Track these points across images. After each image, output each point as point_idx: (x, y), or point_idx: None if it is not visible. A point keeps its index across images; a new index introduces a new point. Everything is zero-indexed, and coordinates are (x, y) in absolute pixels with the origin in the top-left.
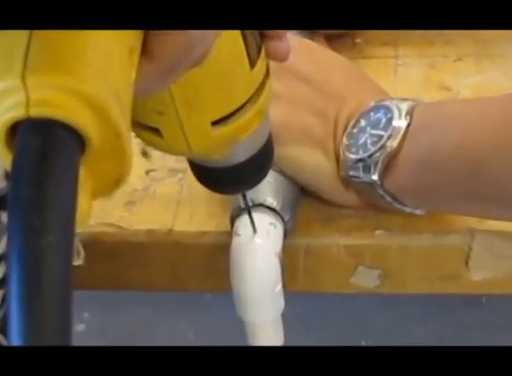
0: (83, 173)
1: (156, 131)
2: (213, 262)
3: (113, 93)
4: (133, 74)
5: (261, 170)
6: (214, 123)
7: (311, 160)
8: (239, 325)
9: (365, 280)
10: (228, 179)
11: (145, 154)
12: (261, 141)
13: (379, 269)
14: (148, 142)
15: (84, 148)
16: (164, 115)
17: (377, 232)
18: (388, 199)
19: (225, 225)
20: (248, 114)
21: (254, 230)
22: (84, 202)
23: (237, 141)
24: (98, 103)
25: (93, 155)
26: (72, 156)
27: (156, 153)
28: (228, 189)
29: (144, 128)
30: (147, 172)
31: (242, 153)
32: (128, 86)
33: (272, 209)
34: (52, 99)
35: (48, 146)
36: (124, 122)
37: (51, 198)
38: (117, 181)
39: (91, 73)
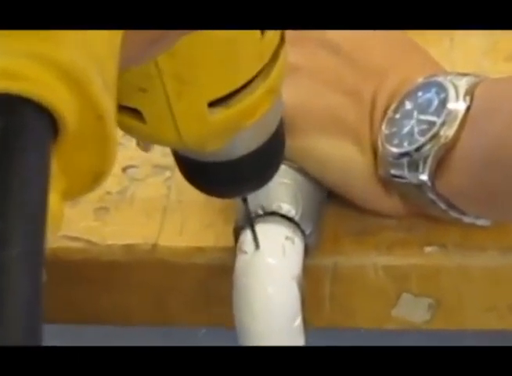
0: (54, 166)
1: (136, 113)
2: (210, 288)
3: (95, 63)
4: (119, 40)
5: (267, 168)
6: (212, 104)
7: (340, 155)
8: None
9: (412, 312)
10: (225, 178)
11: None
12: (269, 129)
13: (430, 298)
14: (126, 129)
15: (56, 133)
16: (147, 92)
17: (427, 249)
18: (442, 205)
19: (226, 239)
20: (256, 94)
21: (257, 246)
22: (55, 203)
23: (241, 128)
24: (76, 74)
25: (68, 142)
26: (42, 143)
27: (134, 144)
28: (224, 191)
29: (121, 109)
30: (124, 169)
31: (245, 144)
32: (113, 55)
33: (290, 219)
34: (18, 69)
35: (11, 129)
36: (108, 100)
37: (15, 197)
38: (97, 177)
39: (68, 37)
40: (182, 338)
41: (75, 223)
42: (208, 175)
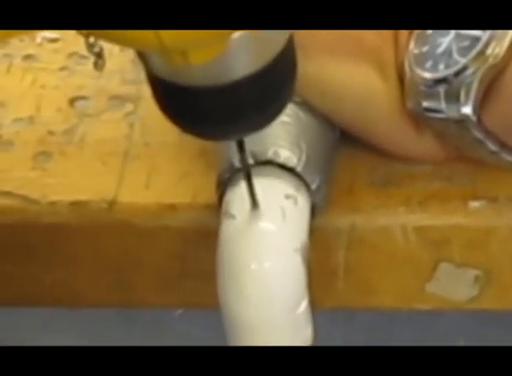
0: None
1: None
2: (186, 258)
3: None
4: None
5: (273, 99)
6: None
7: (357, 83)
8: None
9: (453, 287)
10: (216, 111)
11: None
12: (277, 41)
13: (476, 269)
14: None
15: None
16: None
17: (473, 204)
18: (491, 146)
19: (207, 193)
20: None
21: (255, 205)
22: None
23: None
24: None
25: None
26: None
27: (85, 68)
28: (215, 130)
29: None
30: (72, 102)
31: (244, 60)
32: None
33: (290, 170)
34: None
35: None
36: None
37: None
38: None
39: None
40: (149, 321)
41: (7, 174)
42: (194, 106)
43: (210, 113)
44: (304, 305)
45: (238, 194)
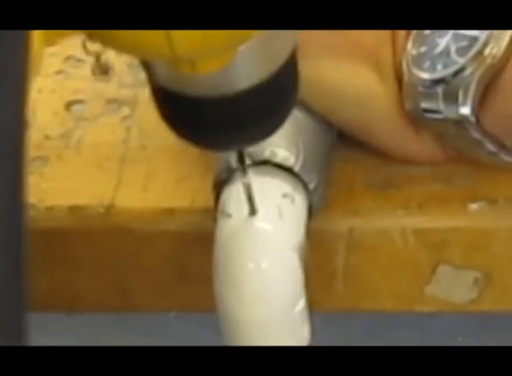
0: None
1: None
2: (184, 262)
3: None
4: None
5: (274, 111)
6: None
7: (355, 84)
8: None
9: (453, 289)
10: (220, 122)
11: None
12: (282, 52)
13: (476, 271)
14: (96, 36)
15: None
16: None
17: (472, 206)
18: (490, 147)
19: (205, 199)
20: None
21: (253, 210)
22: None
23: (248, 37)
24: None
25: None
26: None
27: (81, 72)
28: (218, 140)
29: None
30: (68, 105)
31: (249, 71)
32: None
33: (287, 170)
34: None
35: None
36: None
37: None
38: None
39: None
40: (145, 323)
41: None
42: (197, 115)
43: (212, 123)
44: (301, 304)
45: (234, 193)
